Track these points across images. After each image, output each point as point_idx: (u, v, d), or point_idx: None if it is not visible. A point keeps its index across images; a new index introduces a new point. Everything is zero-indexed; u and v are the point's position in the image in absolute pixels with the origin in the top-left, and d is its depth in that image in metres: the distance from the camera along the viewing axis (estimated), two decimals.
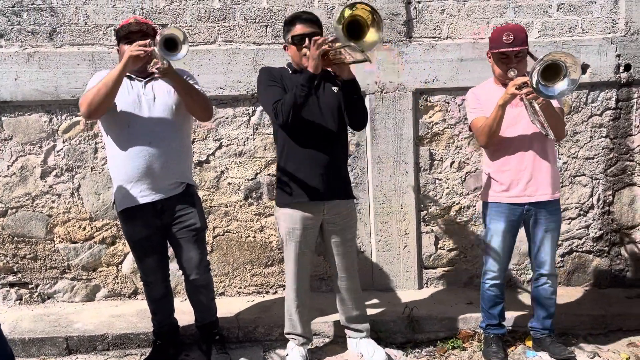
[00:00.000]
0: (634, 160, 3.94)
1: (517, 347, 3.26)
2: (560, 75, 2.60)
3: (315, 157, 2.83)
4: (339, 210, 2.94)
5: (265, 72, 2.90)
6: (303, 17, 2.81)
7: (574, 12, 3.83)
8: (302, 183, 2.83)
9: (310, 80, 2.64)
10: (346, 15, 2.43)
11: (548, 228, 3.00)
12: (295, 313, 3.02)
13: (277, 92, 2.78)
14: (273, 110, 2.74)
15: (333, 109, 2.86)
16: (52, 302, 3.69)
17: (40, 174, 3.59)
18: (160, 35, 2.47)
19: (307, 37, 2.74)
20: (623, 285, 4.00)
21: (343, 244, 3.00)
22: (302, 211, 2.86)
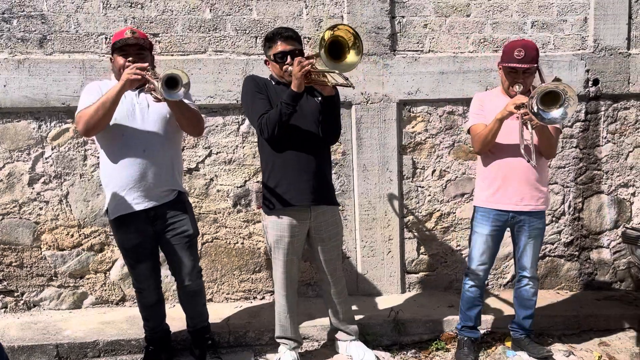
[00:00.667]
0: (602, 170, 4.18)
1: (497, 348, 3.41)
2: (557, 103, 2.73)
3: (301, 163, 2.91)
4: (325, 217, 3.03)
5: (251, 81, 2.97)
6: (284, 35, 2.89)
7: (546, 29, 4.05)
8: (289, 189, 2.90)
9: (295, 98, 2.74)
10: (327, 37, 2.54)
11: (531, 235, 3.15)
12: (286, 318, 3.09)
13: (263, 104, 2.87)
14: (258, 126, 2.83)
15: (316, 118, 2.95)
16: (38, 310, 3.67)
17: (28, 180, 3.58)
18: (165, 73, 2.51)
19: (288, 54, 2.86)
20: (592, 288, 4.23)
21: (330, 250, 3.09)
22: (289, 218, 2.94)
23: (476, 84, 3.88)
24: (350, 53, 2.63)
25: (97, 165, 3.63)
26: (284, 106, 2.74)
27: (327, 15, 3.80)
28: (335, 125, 2.98)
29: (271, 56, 2.93)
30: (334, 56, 2.60)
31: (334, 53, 2.60)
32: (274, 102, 2.86)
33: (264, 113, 2.82)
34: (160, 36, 3.61)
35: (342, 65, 2.63)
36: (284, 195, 2.90)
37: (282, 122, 2.77)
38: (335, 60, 2.61)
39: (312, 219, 2.99)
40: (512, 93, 3.03)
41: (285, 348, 3.12)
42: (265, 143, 2.92)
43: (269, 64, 3.00)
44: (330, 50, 2.57)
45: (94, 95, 2.76)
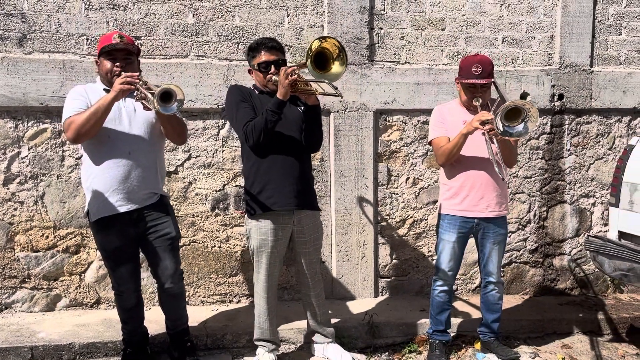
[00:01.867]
0: (565, 180, 4.40)
1: (467, 350, 3.55)
2: (520, 118, 2.91)
3: (285, 169, 2.98)
4: (307, 222, 3.11)
5: (236, 90, 3.03)
6: (268, 45, 2.97)
7: (516, 45, 4.24)
8: (273, 194, 2.96)
9: (280, 106, 2.82)
10: (314, 48, 2.63)
11: (495, 241, 3.32)
12: (265, 321, 3.15)
13: (247, 112, 2.93)
14: (244, 134, 2.89)
15: (299, 125, 3.03)
16: (9, 312, 3.60)
17: (2, 180, 3.52)
18: (162, 87, 2.54)
19: (272, 64, 2.94)
20: (554, 294, 4.43)
21: (311, 253, 3.17)
22: (273, 222, 3.00)
23: (450, 95, 4.02)
24: (334, 64, 2.73)
25: (75, 167, 3.60)
26: (269, 114, 2.81)
27: (308, 24, 3.88)
28: (318, 134, 3.07)
29: (255, 65, 2.99)
30: (319, 67, 2.69)
31: (319, 64, 2.69)
32: (258, 111, 2.92)
33: (249, 121, 2.88)
34: (142, 39, 3.62)
35: (328, 75, 2.72)
36: (268, 200, 2.96)
37: (268, 129, 2.84)
38: (320, 70, 2.70)
39: (295, 222, 3.05)
40: (472, 107, 3.18)
41: (263, 350, 3.17)
42: (249, 149, 2.98)
43: (252, 73, 3.06)
44: (315, 61, 2.66)
45: (80, 100, 2.77)
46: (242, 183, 3.85)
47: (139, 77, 2.67)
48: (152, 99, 2.54)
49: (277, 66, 2.94)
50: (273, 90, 2.96)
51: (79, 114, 2.70)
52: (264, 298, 3.11)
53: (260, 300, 3.12)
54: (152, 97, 2.53)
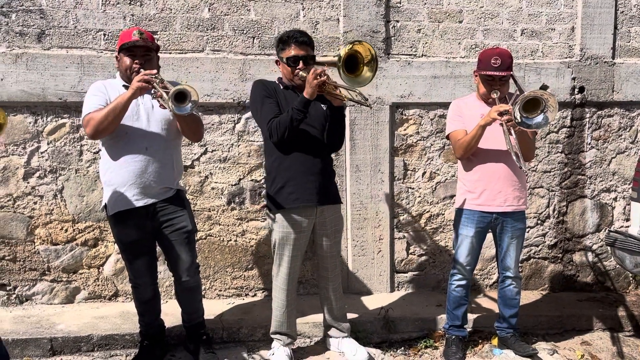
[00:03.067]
0: (585, 175, 4.32)
1: (484, 346, 3.51)
2: (538, 109, 2.87)
3: (307, 165, 2.99)
4: (329, 214, 3.11)
5: (260, 85, 3.03)
6: (299, 40, 2.95)
7: (535, 37, 4.17)
8: (296, 190, 2.98)
9: (306, 105, 2.83)
10: (347, 50, 2.62)
11: (514, 235, 3.28)
12: (284, 314, 3.15)
13: (272, 108, 2.93)
14: (268, 130, 2.90)
15: (322, 122, 3.03)
16: (30, 304, 3.67)
17: (23, 175, 3.58)
18: (176, 88, 2.55)
19: (300, 59, 2.92)
20: (574, 289, 4.36)
21: (332, 246, 3.18)
22: (296, 216, 3.01)
23: (467, 89, 3.97)
24: (364, 69, 2.71)
25: (92, 161, 3.64)
26: (295, 112, 2.82)
27: (323, 17, 3.86)
28: (340, 134, 3.08)
29: (283, 58, 2.99)
30: (348, 69, 2.67)
31: (349, 66, 2.68)
32: (283, 107, 2.94)
33: (274, 117, 2.90)
34: (158, 34, 3.63)
35: (356, 79, 2.71)
36: (290, 196, 2.98)
37: (293, 127, 2.85)
38: (349, 73, 2.69)
39: (317, 215, 3.07)
40: (490, 100, 3.15)
41: (279, 344, 3.18)
42: (272, 145, 2.99)
43: (280, 65, 3.06)
44: (346, 63, 2.65)
45: (99, 97, 2.80)
46: (257, 177, 3.87)
47: (157, 75, 2.68)
48: (166, 98, 2.55)
49: (305, 62, 2.93)
50: (299, 85, 2.98)
51: (98, 110, 2.74)
52: (285, 291, 3.11)
53: (280, 293, 3.12)
54: (167, 96, 2.54)
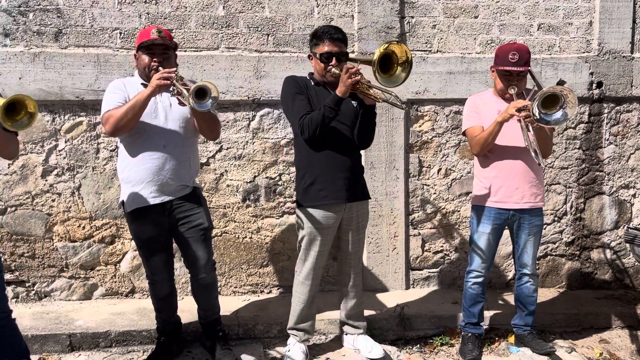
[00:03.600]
0: (603, 171, 4.26)
1: (500, 344, 3.49)
2: (557, 105, 2.83)
3: (337, 162, 2.99)
4: (357, 209, 3.11)
5: (292, 81, 3.04)
6: (333, 36, 2.95)
7: (552, 32, 4.12)
8: (325, 186, 2.98)
9: (338, 103, 2.83)
10: (382, 50, 2.61)
11: (531, 232, 3.25)
12: (303, 309, 3.15)
13: (303, 105, 2.94)
14: (299, 126, 2.91)
15: (352, 119, 3.03)
16: (49, 300, 3.71)
17: (41, 172, 3.62)
18: (197, 85, 2.56)
19: (334, 56, 2.92)
20: (592, 287, 4.31)
21: (358, 241, 3.18)
22: (325, 212, 3.01)
23: (483, 85, 3.94)
24: (397, 69, 2.70)
25: (109, 159, 3.68)
26: (327, 110, 2.83)
27: (338, 14, 3.85)
28: (370, 132, 3.07)
29: (317, 54, 2.99)
30: (382, 68, 2.67)
31: (383, 66, 2.67)
32: (314, 103, 2.95)
33: (305, 114, 2.90)
34: (173, 32, 3.65)
35: (389, 78, 2.70)
36: (319, 193, 2.99)
37: (324, 124, 2.86)
38: (383, 73, 2.68)
39: (345, 211, 3.07)
40: (507, 95, 3.12)
41: (295, 340, 3.18)
42: (302, 142, 3.00)
43: (312, 60, 3.05)
44: (380, 62, 2.64)
45: (118, 94, 2.82)
46: (272, 175, 3.87)
47: (176, 72, 2.70)
48: (187, 95, 2.57)
49: (338, 58, 2.93)
50: (330, 82, 2.98)
51: (117, 108, 2.76)
52: (308, 286, 3.11)
53: (303, 288, 3.13)
54: (187, 93, 2.55)
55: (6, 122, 2.10)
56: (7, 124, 2.11)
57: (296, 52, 3.81)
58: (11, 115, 2.13)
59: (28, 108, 2.16)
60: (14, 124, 2.15)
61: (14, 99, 2.11)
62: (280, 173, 3.89)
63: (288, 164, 3.88)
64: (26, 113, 2.17)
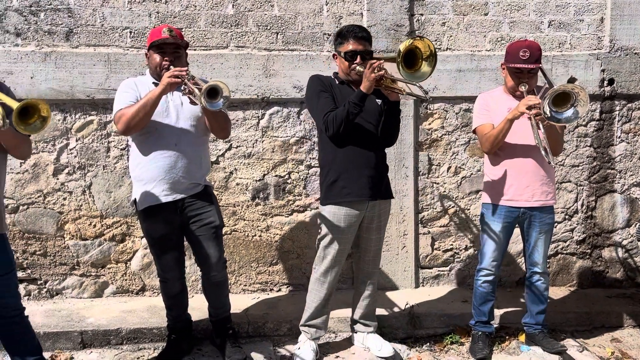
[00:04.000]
0: (615, 169, 4.23)
1: (511, 342, 3.47)
2: (568, 103, 2.81)
3: (361, 159, 3.00)
4: (380, 208, 3.11)
5: (317, 79, 3.06)
6: (358, 35, 2.95)
7: (563, 28, 4.09)
8: (349, 183, 2.99)
9: (363, 99, 2.83)
10: (407, 45, 2.62)
11: (542, 230, 3.23)
12: (320, 306, 3.15)
13: (328, 102, 2.95)
14: (324, 123, 2.92)
15: (376, 117, 3.02)
16: (60, 298, 3.74)
17: (52, 171, 3.65)
18: (209, 84, 2.57)
19: (359, 54, 2.92)
20: (603, 286, 4.28)
21: (377, 240, 3.18)
22: (347, 209, 3.02)
23: (493, 82, 3.92)
24: (423, 64, 2.70)
25: (119, 157, 3.70)
26: (351, 106, 2.83)
27: (347, 12, 3.85)
28: (395, 129, 3.07)
29: (341, 53, 2.99)
30: (407, 64, 2.67)
31: (407, 61, 2.67)
32: (338, 102, 2.95)
33: (330, 111, 2.91)
34: (183, 31, 3.64)
35: (415, 74, 2.70)
36: (342, 190, 3.00)
37: (349, 120, 2.87)
38: (408, 69, 2.68)
39: (368, 209, 3.07)
40: (518, 93, 3.10)
41: (305, 337, 3.18)
42: (326, 139, 3.00)
43: (337, 59, 3.06)
44: (405, 59, 2.65)
45: (129, 93, 2.84)
46: (281, 173, 3.88)
47: (187, 71, 2.71)
48: (198, 94, 2.58)
49: (363, 57, 2.93)
50: (354, 80, 2.99)
51: (129, 107, 2.78)
52: (326, 283, 3.11)
53: (320, 285, 3.12)
54: (199, 92, 2.57)
55: (19, 125, 2.12)
56: (21, 127, 2.13)
57: (305, 51, 3.81)
58: (24, 118, 2.15)
59: (41, 112, 2.18)
60: (27, 127, 2.17)
61: (27, 103, 2.13)
62: (290, 171, 3.90)
63: (297, 162, 3.89)
64: (39, 117, 2.19)
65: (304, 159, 3.90)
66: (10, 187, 3.60)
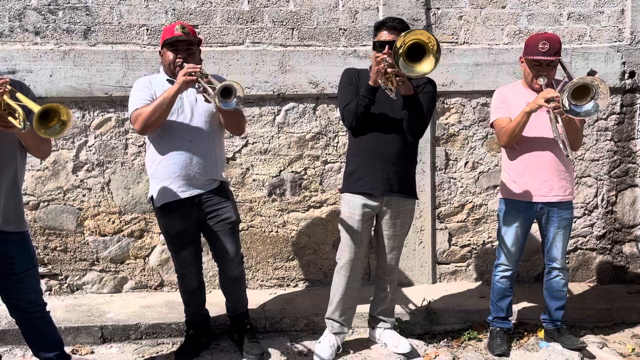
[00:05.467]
0: (636, 163, 4.16)
1: (529, 339, 3.44)
2: (588, 96, 2.77)
3: (379, 151, 2.97)
4: (397, 205, 3.07)
5: (346, 73, 3.08)
6: (389, 24, 2.93)
7: (583, 21, 4.03)
8: (363, 175, 3.00)
9: (370, 91, 2.83)
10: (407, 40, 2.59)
11: (560, 225, 3.19)
12: (342, 300, 3.13)
13: (349, 95, 2.97)
14: (341, 115, 2.98)
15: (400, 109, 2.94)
16: (80, 293, 3.80)
17: (72, 168, 3.70)
18: (223, 84, 2.59)
19: (387, 44, 2.84)
20: (624, 282, 4.21)
21: (394, 237, 3.13)
22: (362, 200, 3.01)
23: (511, 76, 3.88)
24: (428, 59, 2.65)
25: (137, 154, 3.73)
26: (361, 98, 2.86)
27: (362, 6, 3.83)
28: (415, 122, 2.95)
29: (374, 42, 2.98)
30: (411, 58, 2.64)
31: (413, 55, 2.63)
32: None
33: (348, 104, 2.94)
34: (199, 27, 3.68)
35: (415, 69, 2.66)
36: (357, 181, 3.02)
37: (359, 113, 2.88)
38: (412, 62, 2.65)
39: (384, 203, 3.05)
40: (536, 86, 3.06)
41: (328, 331, 3.17)
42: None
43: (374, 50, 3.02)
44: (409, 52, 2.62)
45: (144, 92, 2.86)
46: (297, 169, 3.91)
47: (200, 68, 2.72)
48: (212, 93, 2.59)
49: (391, 47, 2.81)
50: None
51: (145, 106, 2.80)
52: (344, 277, 3.09)
53: (339, 278, 3.11)
54: (213, 91, 2.58)
55: (39, 129, 2.15)
56: (41, 131, 2.16)
57: (321, 46, 3.80)
58: (44, 121, 2.18)
59: (61, 116, 2.21)
60: (47, 130, 2.19)
61: (48, 107, 2.16)
62: (306, 167, 3.90)
63: (313, 158, 3.89)
64: (59, 120, 2.21)
65: (320, 154, 3.90)
66: (31, 184, 3.66)
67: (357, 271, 3.13)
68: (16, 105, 2.22)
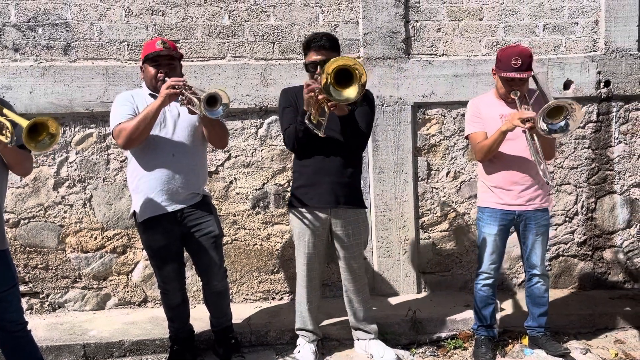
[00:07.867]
0: (614, 170, 4.23)
1: (514, 346, 3.46)
2: (561, 115, 2.85)
3: (324, 165, 3.02)
4: (347, 216, 3.10)
5: (282, 95, 3.11)
6: (317, 44, 2.93)
7: (558, 31, 4.11)
8: (309, 190, 3.04)
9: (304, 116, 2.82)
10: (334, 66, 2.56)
11: (538, 232, 3.23)
12: (306, 311, 3.20)
13: (287, 119, 3.02)
14: (283, 138, 3.04)
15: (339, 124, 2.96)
16: (62, 311, 3.75)
17: (53, 184, 3.66)
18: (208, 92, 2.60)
19: (319, 65, 2.84)
20: (606, 287, 4.27)
21: (348, 248, 3.15)
22: (310, 215, 3.06)
23: (489, 87, 3.91)
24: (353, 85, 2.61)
25: (119, 169, 3.71)
26: (299, 124, 2.90)
27: (342, 20, 3.87)
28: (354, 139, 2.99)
29: (305, 64, 3.00)
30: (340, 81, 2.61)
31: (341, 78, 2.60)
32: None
33: (287, 127, 2.99)
34: (180, 42, 3.69)
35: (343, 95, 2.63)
36: (304, 196, 3.05)
37: (299, 137, 2.92)
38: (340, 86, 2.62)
39: (332, 216, 3.08)
40: (510, 99, 3.11)
41: (304, 341, 3.20)
42: None
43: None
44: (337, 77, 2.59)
45: (127, 106, 2.86)
46: (281, 181, 3.91)
47: (184, 81, 2.72)
48: (197, 103, 2.59)
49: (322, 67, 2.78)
50: None
51: (128, 121, 2.79)
52: (304, 287, 3.17)
53: (301, 289, 3.19)
54: (198, 101, 2.58)
55: (29, 144, 2.14)
56: (31, 145, 2.15)
57: (302, 59, 3.82)
58: (33, 136, 2.16)
59: (50, 129, 2.19)
60: (37, 144, 2.18)
61: (36, 121, 2.14)
62: (289, 179, 3.91)
63: None
64: (47, 134, 2.20)
65: None
66: (11, 202, 3.62)
67: (315, 281, 3.19)
68: (5, 120, 2.20)
